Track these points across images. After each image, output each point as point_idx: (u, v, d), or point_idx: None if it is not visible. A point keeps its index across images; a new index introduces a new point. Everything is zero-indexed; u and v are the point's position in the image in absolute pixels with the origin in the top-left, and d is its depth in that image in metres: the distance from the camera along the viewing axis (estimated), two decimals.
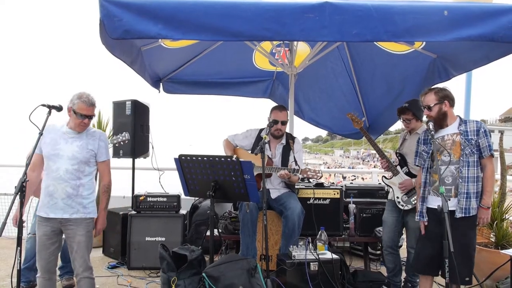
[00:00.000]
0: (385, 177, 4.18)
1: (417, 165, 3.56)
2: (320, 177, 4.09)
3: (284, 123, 4.30)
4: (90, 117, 3.27)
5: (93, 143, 3.32)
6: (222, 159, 3.23)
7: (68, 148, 3.23)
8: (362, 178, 24.84)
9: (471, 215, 3.22)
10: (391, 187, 4.07)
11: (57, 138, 3.25)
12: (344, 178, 36.26)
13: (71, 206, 3.21)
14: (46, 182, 3.22)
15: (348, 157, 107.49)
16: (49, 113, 3.08)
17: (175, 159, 3.38)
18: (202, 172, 3.33)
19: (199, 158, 3.28)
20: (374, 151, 4.26)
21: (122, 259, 5.05)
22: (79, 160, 3.24)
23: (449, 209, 3.14)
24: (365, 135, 4.46)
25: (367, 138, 4.42)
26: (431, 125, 3.28)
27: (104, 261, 5.16)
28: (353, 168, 59.52)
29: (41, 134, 3.02)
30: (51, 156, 3.21)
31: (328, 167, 68.08)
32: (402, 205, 3.95)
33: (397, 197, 3.99)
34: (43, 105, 3.04)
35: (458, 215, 3.19)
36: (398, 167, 4.08)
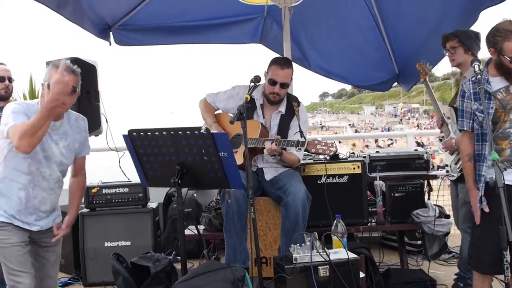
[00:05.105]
0: (441, 140, 4.33)
1: (463, 129, 3.35)
2: (335, 152, 3.98)
3: (284, 85, 4.08)
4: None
5: (79, 138, 3.40)
6: (187, 132, 3.08)
7: (56, 150, 3.21)
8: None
9: None
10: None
11: None
12: (376, 142, 36.34)
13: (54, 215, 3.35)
14: (32, 192, 3.14)
15: (383, 114, 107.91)
16: None
17: (124, 136, 3.26)
18: (162, 152, 3.19)
19: (156, 133, 3.13)
20: (415, 105, 4.31)
21: (77, 273, 5.03)
22: (66, 166, 3.35)
23: None
24: (427, 87, 4.46)
25: (428, 91, 4.46)
26: (476, 67, 3.13)
27: None
28: (388, 129, 59.83)
29: None
30: (42, 159, 3.14)
31: (356, 131, 68.40)
32: (452, 175, 4.07)
33: (447, 165, 4.11)
34: None
35: None
36: (450, 125, 4.08)
